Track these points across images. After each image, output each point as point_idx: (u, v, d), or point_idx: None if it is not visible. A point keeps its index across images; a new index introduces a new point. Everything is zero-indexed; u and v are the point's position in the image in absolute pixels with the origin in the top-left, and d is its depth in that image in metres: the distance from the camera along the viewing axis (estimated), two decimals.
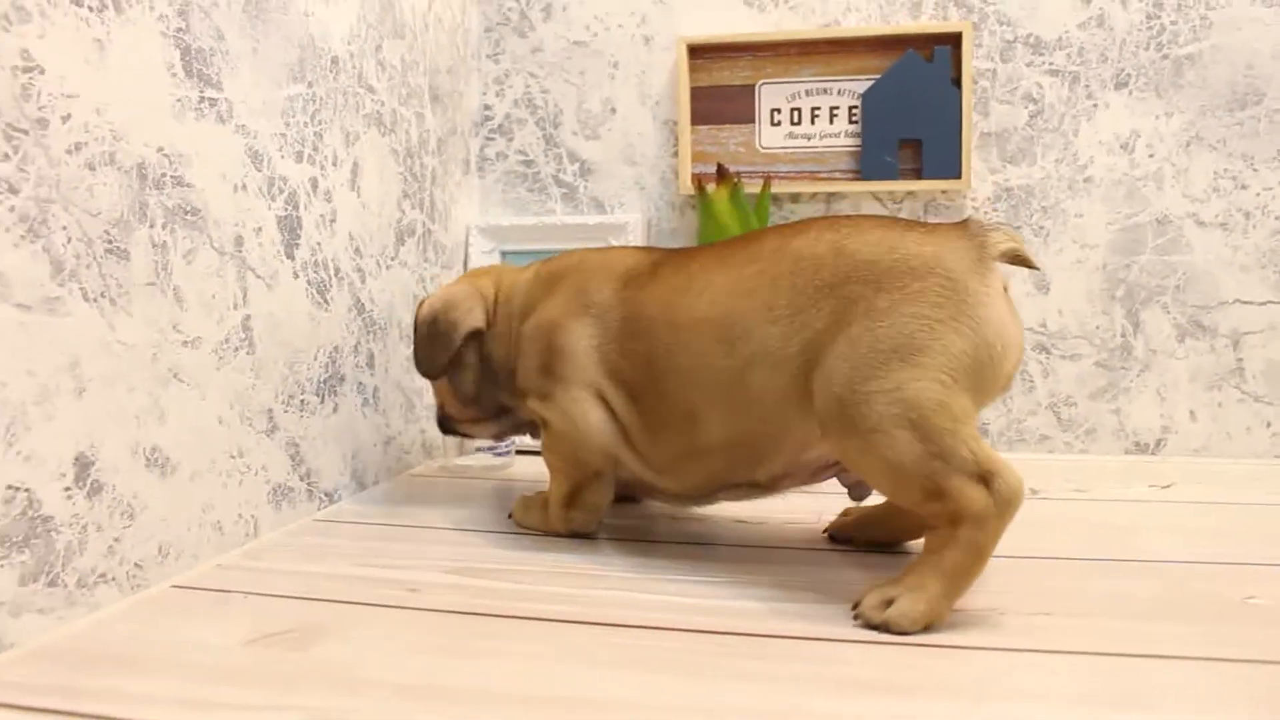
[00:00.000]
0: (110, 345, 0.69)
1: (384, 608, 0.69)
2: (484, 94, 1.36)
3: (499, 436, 1.03)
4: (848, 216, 0.75)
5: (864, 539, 0.84)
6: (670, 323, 0.78)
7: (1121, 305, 1.25)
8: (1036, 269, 0.71)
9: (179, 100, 0.75)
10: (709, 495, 0.83)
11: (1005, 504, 0.63)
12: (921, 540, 0.70)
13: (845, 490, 0.82)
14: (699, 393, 0.76)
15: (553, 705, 0.53)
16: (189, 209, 0.76)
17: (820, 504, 0.99)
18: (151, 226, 0.73)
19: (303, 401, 0.92)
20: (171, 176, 0.75)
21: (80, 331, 0.66)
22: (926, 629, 0.63)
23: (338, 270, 0.98)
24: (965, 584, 0.64)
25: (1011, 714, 0.51)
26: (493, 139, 1.36)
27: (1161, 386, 1.24)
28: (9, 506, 0.61)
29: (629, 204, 1.33)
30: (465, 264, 1.31)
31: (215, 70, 0.79)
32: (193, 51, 0.77)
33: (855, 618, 0.65)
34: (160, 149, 0.73)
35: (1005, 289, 0.68)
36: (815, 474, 0.78)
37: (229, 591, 0.72)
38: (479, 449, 1.14)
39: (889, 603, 0.64)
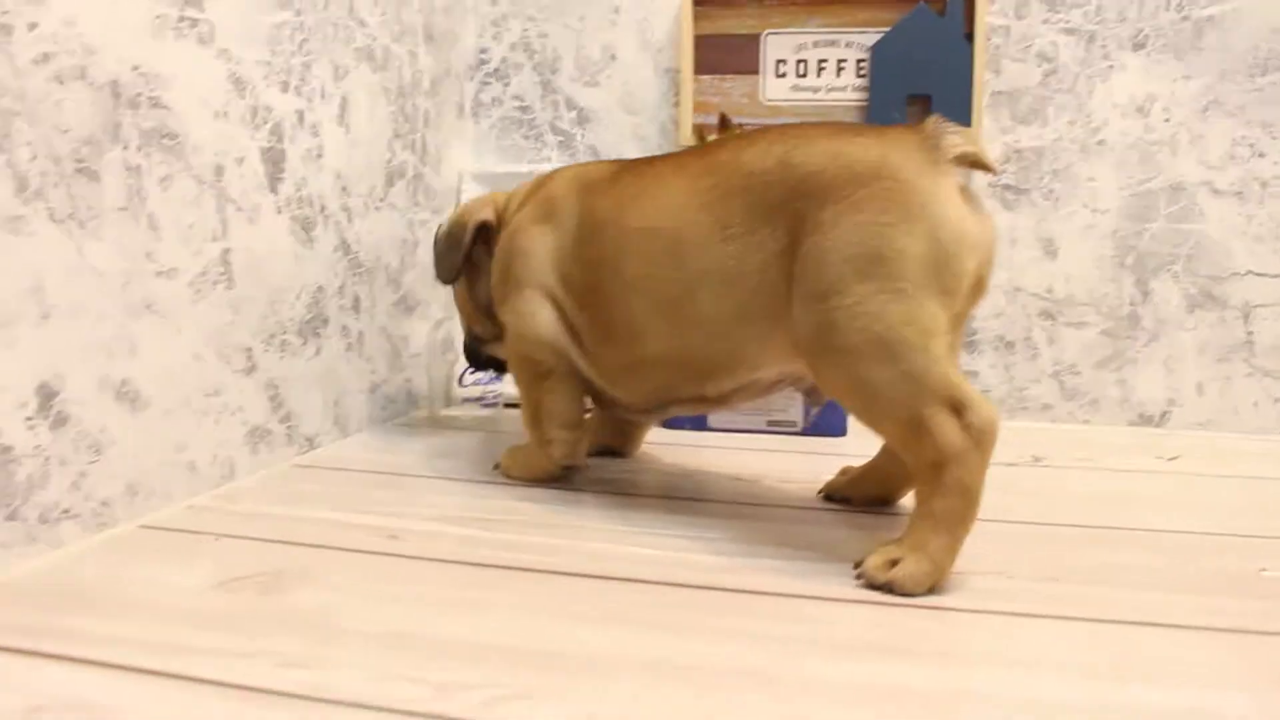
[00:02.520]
0: (78, 270, 0.65)
1: (362, 553, 0.66)
2: (480, 36, 1.31)
3: None
4: (799, 126, 0.72)
5: (860, 497, 0.81)
6: (620, 227, 0.77)
7: (1131, 273, 1.22)
8: (995, 173, 0.69)
9: (158, 18, 0.71)
10: (658, 408, 0.82)
11: (981, 436, 0.61)
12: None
13: (803, 397, 0.80)
14: (643, 303, 0.75)
15: (535, 658, 0.50)
16: (166, 133, 0.73)
17: (816, 465, 0.96)
18: (125, 148, 0.69)
19: (284, 342, 0.89)
20: (148, 97, 0.71)
21: (46, 253, 0.62)
22: (931, 590, 0.60)
23: (323, 208, 0.94)
24: (963, 531, 0.61)
25: (1013, 680, 0.48)
26: (489, 83, 1.32)
27: (1169, 358, 1.21)
28: None
29: (627, 153, 1.29)
30: None
31: None
32: None
33: (858, 577, 0.63)
34: (136, 67, 0.70)
35: (964, 189, 0.65)
36: (768, 389, 0.77)
37: (200, 533, 0.69)
38: (466, 400, 1.11)
39: (893, 563, 0.62)
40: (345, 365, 1.00)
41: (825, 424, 1.11)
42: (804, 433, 1.12)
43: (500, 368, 1.01)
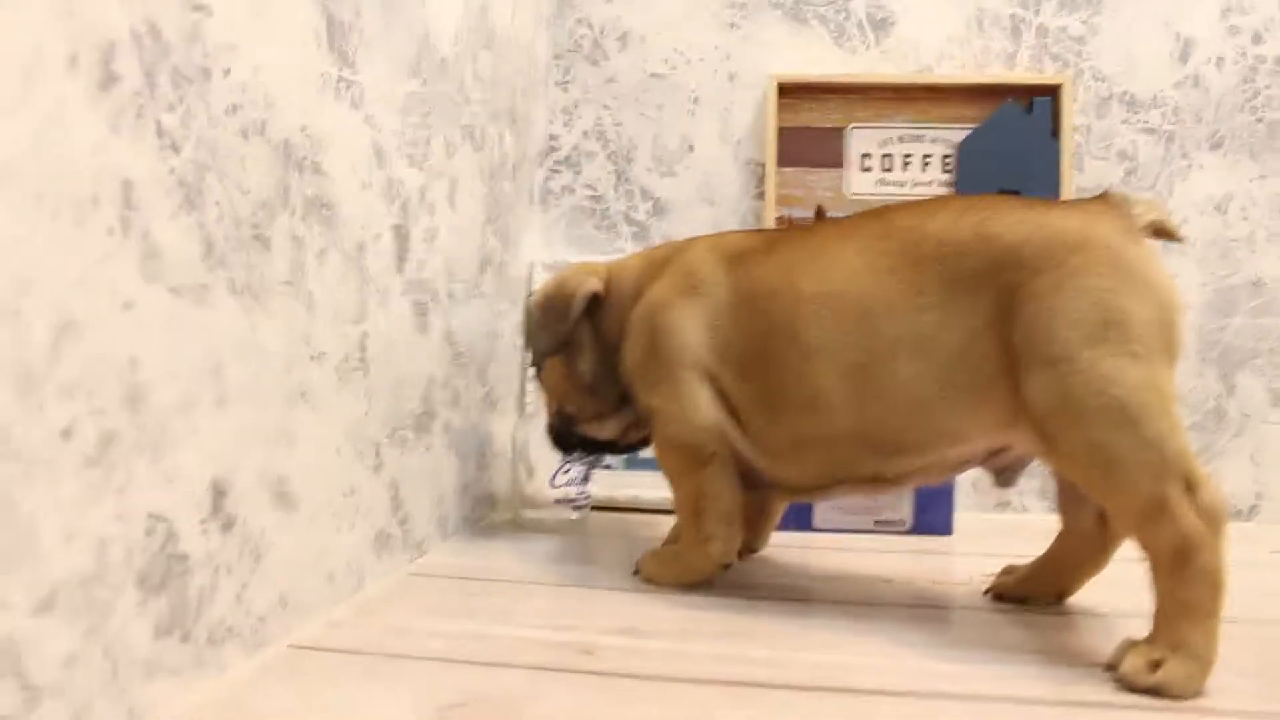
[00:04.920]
0: (250, 350, 0.57)
1: (566, 672, 0.58)
2: (550, 123, 1.27)
3: (625, 435, 0.92)
4: (981, 197, 0.70)
5: (1036, 594, 0.77)
6: (795, 294, 0.72)
7: (1215, 367, 1.20)
8: (1180, 240, 0.67)
9: (322, 75, 0.65)
10: (826, 488, 0.76)
11: (1215, 518, 0.57)
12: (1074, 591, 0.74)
13: (994, 477, 0.75)
14: (827, 372, 0.71)
15: None
16: (324, 202, 0.66)
17: (948, 564, 0.90)
18: (292, 215, 0.62)
19: (403, 437, 0.80)
20: (311, 162, 0.64)
21: (225, 330, 0.54)
22: (1199, 692, 0.55)
23: (434, 293, 0.87)
24: (1216, 622, 0.57)
25: None
26: (558, 171, 1.27)
27: (1255, 451, 1.19)
28: (149, 540, 0.48)
29: None
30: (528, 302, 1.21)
31: (352, 48, 0.69)
32: (335, 22, 0.66)
33: (1116, 680, 0.57)
34: (304, 128, 0.63)
35: None
36: (954, 468, 0.73)
37: (360, 653, 0.60)
38: (557, 501, 1.03)
39: (1156, 664, 0.57)
40: (446, 464, 0.92)
41: (932, 523, 1.06)
42: (910, 532, 1.06)
43: (591, 448, 0.94)
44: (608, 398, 0.87)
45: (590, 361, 0.87)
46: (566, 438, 0.93)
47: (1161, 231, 0.65)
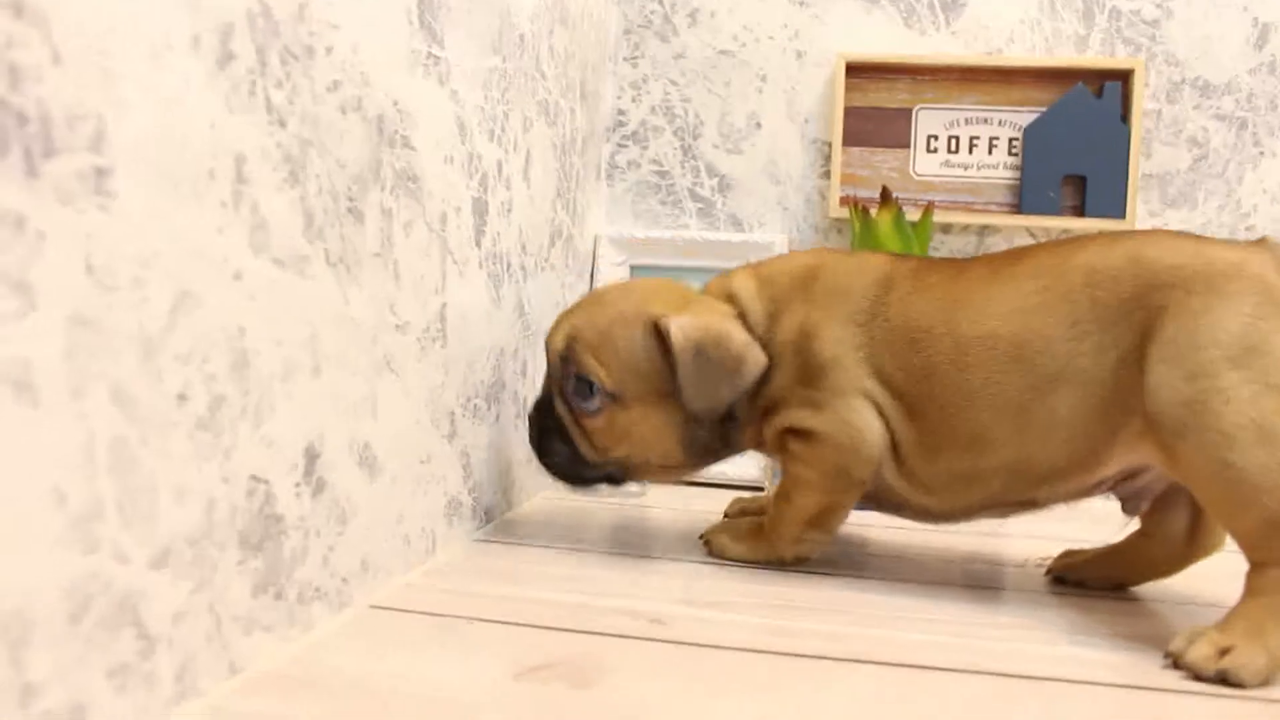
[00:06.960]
0: (343, 319, 0.59)
1: (635, 640, 0.59)
2: (619, 98, 1.27)
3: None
4: (1126, 231, 0.72)
5: (1100, 580, 0.78)
6: (954, 336, 0.72)
7: None
8: None
9: (413, 51, 0.66)
10: (974, 515, 0.77)
11: None
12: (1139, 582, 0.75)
13: (1121, 504, 0.75)
14: (989, 413, 0.71)
15: None
16: (411, 175, 0.67)
17: (1025, 548, 0.90)
18: (383, 189, 0.63)
19: (475, 407, 0.82)
20: (401, 136, 0.65)
21: (322, 300, 0.56)
22: (1266, 682, 0.56)
23: (509, 265, 0.89)
24: None
25: None
26: (625, 146, 1.27)
27: None
28: (250, 500, 0.50)
29: (770, 223, 1.24)
30: (593, 275, 1.22)
31: (441, 25, 0.71)
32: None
33: (1175, 666, 0.58)
34: (396, 103, 0.64)
35: None
36: (1089, 491, 0.73)
37: (438, 615, 0.62)
38: None
39: (1223, 652, 0.57)
40: (515, 434, 0.93)
41: None
42: None
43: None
44: (703, 450, 0.82)
45: (709, 424, 0.80)
46: (606, 480, 0.84)
47: None
